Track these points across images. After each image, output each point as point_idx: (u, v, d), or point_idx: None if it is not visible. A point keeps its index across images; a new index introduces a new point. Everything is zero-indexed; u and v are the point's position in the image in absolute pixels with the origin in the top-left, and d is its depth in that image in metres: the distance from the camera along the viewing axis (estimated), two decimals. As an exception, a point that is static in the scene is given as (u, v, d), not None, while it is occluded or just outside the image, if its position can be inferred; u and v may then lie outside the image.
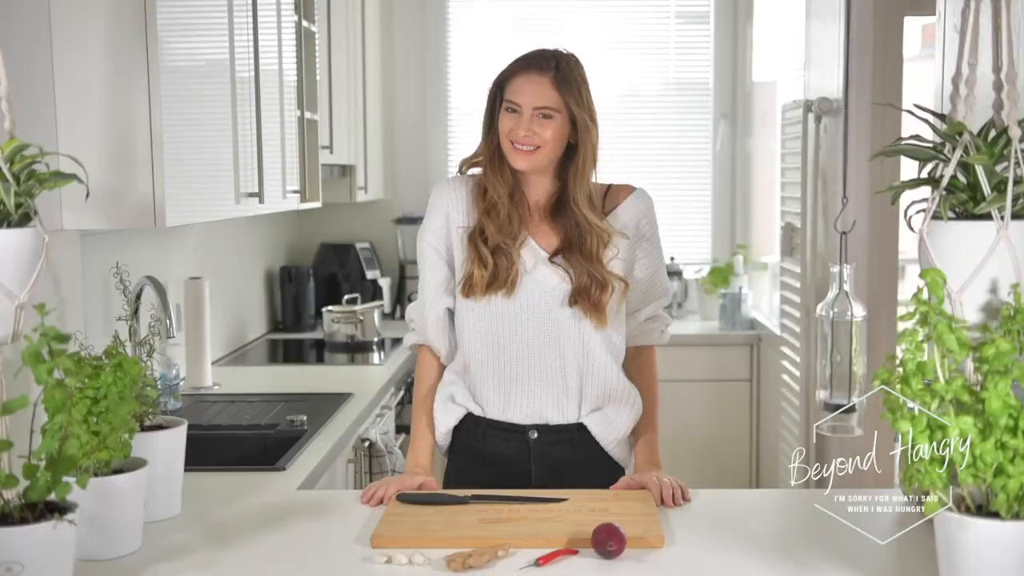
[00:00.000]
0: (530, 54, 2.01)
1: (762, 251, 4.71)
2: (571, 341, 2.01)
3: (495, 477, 2.01)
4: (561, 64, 1.99)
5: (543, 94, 1.97)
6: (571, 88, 1.98)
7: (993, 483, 1.32)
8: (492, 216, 2.01)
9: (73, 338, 1.48)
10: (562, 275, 2.01)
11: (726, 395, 4.53)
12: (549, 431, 2.04)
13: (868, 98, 3.15)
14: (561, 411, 2.03)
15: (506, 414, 2.04)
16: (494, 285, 1.99)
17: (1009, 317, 1.39)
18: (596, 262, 2.00)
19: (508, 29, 4.85)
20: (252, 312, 4.05)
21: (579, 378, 2.03)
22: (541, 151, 1.98)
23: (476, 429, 2.06)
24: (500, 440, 2.05)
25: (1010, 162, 1.43)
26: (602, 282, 1.99)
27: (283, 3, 3.00)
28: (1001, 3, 1.50)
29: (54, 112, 2.05)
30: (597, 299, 1.99)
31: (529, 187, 2.06)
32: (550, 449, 2.04)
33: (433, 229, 2.08)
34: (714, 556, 1.65)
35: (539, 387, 2.03)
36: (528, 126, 1.96)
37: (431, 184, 4.82)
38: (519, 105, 1.97)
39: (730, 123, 4.90)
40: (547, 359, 2.02)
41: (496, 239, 2.00)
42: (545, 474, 2.03)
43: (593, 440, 2.05)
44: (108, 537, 1.63)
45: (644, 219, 2.09)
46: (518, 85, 1.98)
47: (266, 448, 2.54)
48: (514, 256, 2.00)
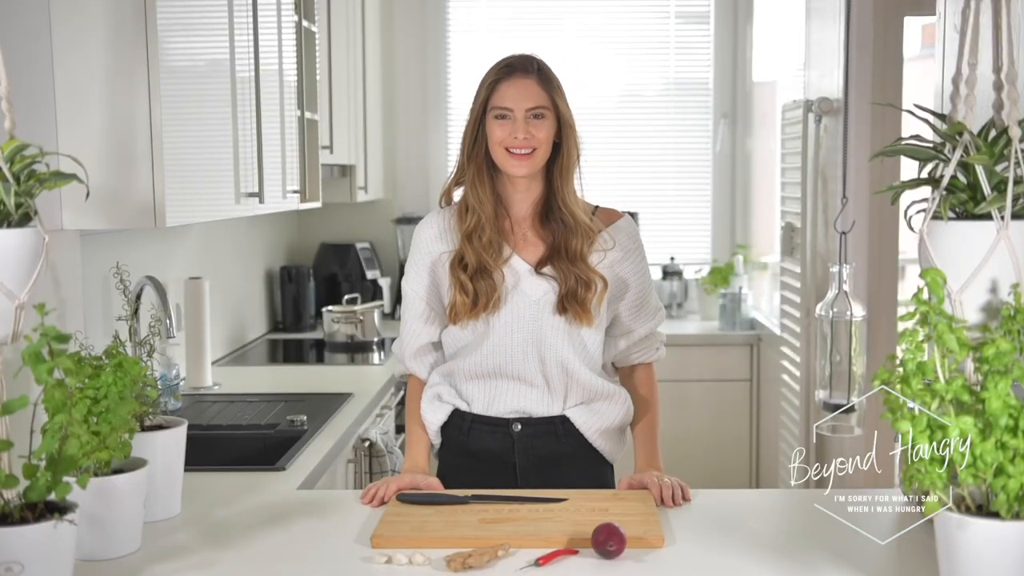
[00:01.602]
0: (509, 60, 2.04)
1: (762, 251, 4.71)
2: (557, 347, 2.03)
3: (480, 473, 2.04)
4: (541, 65, 2.04)
5: (532, 94, 1.99)
6: (554, 86, 2.03)
7: (993, 483, 1.32)
8: (473, 240, 2.02)
9: (73, 338, 1.48)
10: (549, 283, 2.03)
11: (726, 395, 4.53)
12: (533, 423, 2.06)
13: (868, 98, 3.15)
14: (546, 408, 2.06)
15: (490, 410, 2.07)
16: (476, 309, 2.01)
17: (1009, 317, 1.39)
18: (580, 261, 2.02)
19: (508, 29, 4.85)
20: (252, 312, 4.05)
21: (564, 382, 2.05)
22: (537, 153, 2.00)
23: (462, 424, 2.09)
24: (485, 434, 2.07)
25: (1010, 162, 1.43)
26: (586, 281, 2.01)
27: (283, 3, 3.00)
28: (1001, 3, 1.50)
29: (54, 112, 2.05)
30: (583, 298, 2.01)
31: (514, 202, 2.07)
32: (534, 441, 2.06)
33: (413, 269, 2.12)
34: (714, 556, 1.65)
35: (525, 388, 2.06)
36: (524, 128, 1.98)
37: (431, 184, 4.85)
38: (510, 109, 1.99)
39: (730, 123, 4.90)
40: (532, 364, 2.04)
41: (476, 262, 2.01)
42: (530, 467, 2.06)
43: (577, 432, 2.07)
44: (108, 537, 1.63)
45: (631, 242, 2.11)
46: (504, 91, 2.00)
47: (266, 448, 2.54)
48: (496, 278, 2.02)
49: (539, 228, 2.07)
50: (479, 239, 2.02)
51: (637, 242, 2.13)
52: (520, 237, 2.07)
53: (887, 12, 3.20)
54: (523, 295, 2.03)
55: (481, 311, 2.01)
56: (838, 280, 2.52)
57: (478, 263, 2.01)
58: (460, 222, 2.05)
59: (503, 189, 2.07)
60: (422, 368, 2.15)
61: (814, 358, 3.02)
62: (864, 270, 3.24)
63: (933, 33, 2.28)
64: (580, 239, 2.02)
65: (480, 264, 2.01)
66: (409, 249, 2.15)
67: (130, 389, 1.64)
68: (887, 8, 3.20)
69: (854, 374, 2.51)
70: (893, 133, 3.05)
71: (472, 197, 2.04)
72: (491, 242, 2.03)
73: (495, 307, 2.02)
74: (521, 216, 2.08)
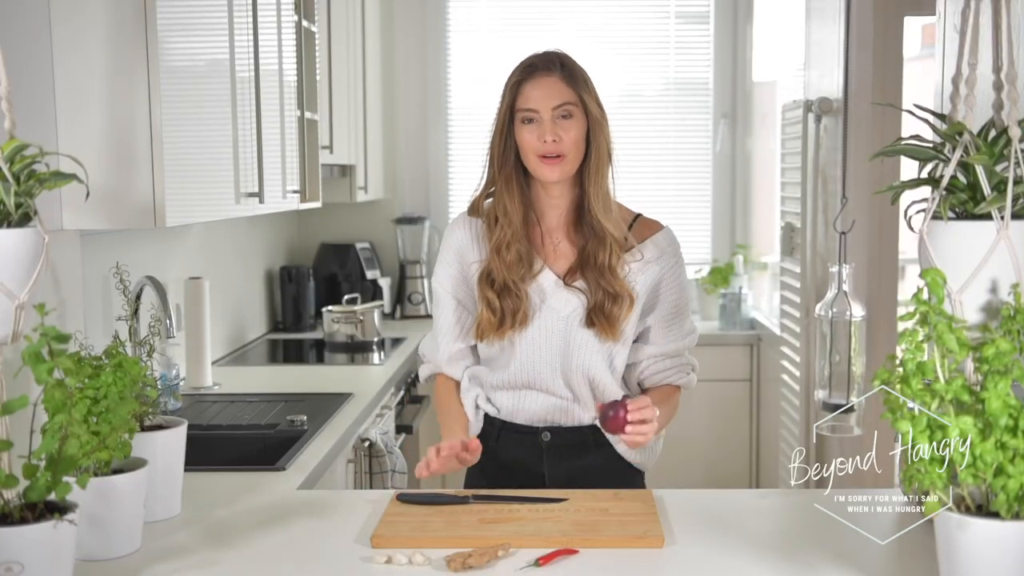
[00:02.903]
0: (531, 59, 1.97)
1: (762, 251, 4.72)
2: (585, 362, 2.00)
3: (510, 481, 2.01)
4: (564, 61, 1.97)
5: (557, 92, 1.93)
6: (579, 82, 1.96)
7: (993, 483, 1.32)
8: (501, 255, 1.97)
9: (73, 338, 1.48)
10: (579, 297, 1.99)
11: (726, 395, 4.53)
12: (562, 433, 2.04)
13: (868, 98, 3.15)
14: (576, 418, 2.04)
15: (519, 417, 2.05)
16: (502, 328, 1.98)
17: (1009, 317, 1.39)
18: (609, 273, 1.96)
19: (508, 29, 4.85)
20: (252, 312, 4.05)
21: (592, 394, 2.02)
22: (569, 157, 1.93)
23: (491, 431, 2.07)
24: (514, 442, 2.05)
25: (1010, 162, 1.43)
26: (614, 295, 1.96)
27: (283, 3, 3.00)
28: (1001, 3, 1.49)
29: (54, 112, 2.05)
30: (610, 312, 1.96)
31: (547, 208, 2.02)
32: (563, 451, 2.04)
33: (446, 273, 2.06)
34: (714, 556, 1.65)
35: (553, 399, 2.03)
36: (552, 130, 1.91)
37: (431, 184, 4.86)
38: (536, 110, 1.92)
39: (730, 123, 4.90)
40: (559, 378, 2.01)
41: (503, 279, 1.97)
42: (559, 476, 2.02)
43: (607, 441, 2.05)
44: (108, 537, 1.63)
45: (669, 256, 2.05)
46: (528, 92, 1.93)
47: (266, 448, 2.54)
48: (522, 295, 1.97)
49: (572, 235, 2.01)
50: (506, 254, 1.97)
51: (676, 256, 2.06)
52: (551, 248, 2.02)
53: (887, 12, 3.20)
54: (552, 311, 1.99)
55: (507, 330, 1.97)
56: (838, 280, 2.52)
57: (504, 281, 1.97)
58: (489, 232, 2.00)
59: (536, 196, 2.01)
60: (458, 371, 2.11)
61: (814, 358, 3.02)
62: (864, 270, 3.24)
63: (933, 33, 2.28)
64: (608, 251, 1.96)
65: (506, 282, 1.97)
66: (440, 247, 2.10)
67: (130, 389, 1.64)
68: (887, 8, 3.20)
69: (854, 374, 2.51)
70: (893, 133, 3.04)
71: (500, 208, 1.98)
72: (520, 256, 1.98)
73: (521, 325, 1.97)
74: (554, 225, 2.03)
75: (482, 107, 4.89)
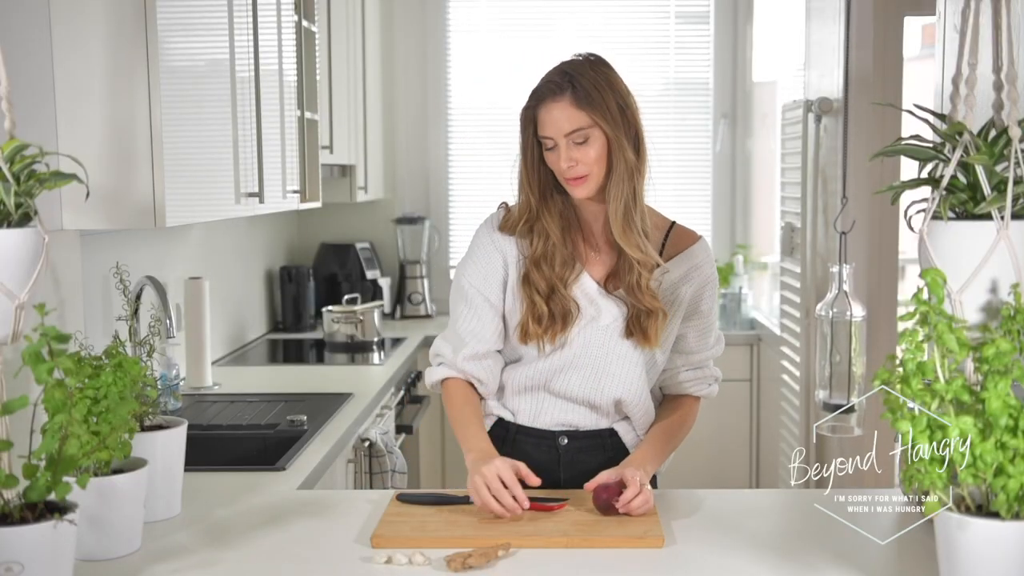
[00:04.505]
0: (540, 84, 1.92)
1: (762, 251, 4.71)
2: (620, 378, 1.99)
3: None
4: (575, 79, 1.87)
5: (565, 118, 1.87)
6: (593, 100, 1.86)
7: (993, 483, 1.32)
8: (543, 267, 1.96)
9: (73, 338, 1.48)
10: (619, 307, 1.98)
11: (726, 395, 4.50)
12: (580, 436, 2.03)
13: (868, 98, 3.15)
14: (594, 422, 2.03)
15: (536, 422, 2.03)
16: (550, 333, 1.95)
17: (1009, 317, 1.39)
18: (638, 290, 1.94)
19: (508, 29, 4.85)
20: (252, 312, 4.05)
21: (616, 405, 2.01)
22: (591, 176, 1.90)
23: (505, 435, 2.04)
24: (530, 446, 2.04)
25: (1010, 162, 1.43)
26: (648, 310, 1.95)
27: (283, 3, 3.00)
28: (1001, 3, 1.50)
29: (54, 112, 2.05)
30: (646, 325, 1.95)
31: (587, 219, 2.00)
32: (580, 455, 2.03)
33: (481, 271, 2.01)
34: (714, 556, 1.65)
35: (572, 404, 2.02)
36: (567, 156, 1.87)
37: (431, 184, 4.85)
38: (550, 138, 1.89)
39: (730, 123, 4.90)
40: (589, 387, 2.00)
41: (548, 286, 1.95)
42: (575, 480, 1.99)
43: (624, 446, 2.04)
44: (108, 537, 1.63)
45: (708, 269, 2.04)
46: (542, 119, 1.89)
47: (266, 448, 2.54)
48: (568, 300, 1.96)
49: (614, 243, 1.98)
50: (549, 263, 1.95)
51: (712, 267, 2.05)
52: (591, 251, 2.01)
53: (887, 12, 3.20)
54: (593, 321, 1.98)
55: (557, 333, 1.95)
56: (838, 280, 2.53)
57: (550, 286, 1.95)
58: (526, 243, 1.99)
59: (578, 205, 1.99)
60: (478, 369, 2.02)
61: (814, 358, 3.03)
62: (864, 270, 3.24)
63: (933, 33, 2.28)
64: (634, 272, 1.94)
65: (552, 287, 1.95)
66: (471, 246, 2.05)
67: (130, 389, 1.64)
68: (887, 8, 3.20)
69: (854, 374, 2.51)
70: (893, 133, 3.04)
71: (539, 232, 1.97)
72: (564, 260, 1.96)
73: (564, 326, 1.95)
74: (597, 230, 2.01)
75: (482, 107, 4.90)
